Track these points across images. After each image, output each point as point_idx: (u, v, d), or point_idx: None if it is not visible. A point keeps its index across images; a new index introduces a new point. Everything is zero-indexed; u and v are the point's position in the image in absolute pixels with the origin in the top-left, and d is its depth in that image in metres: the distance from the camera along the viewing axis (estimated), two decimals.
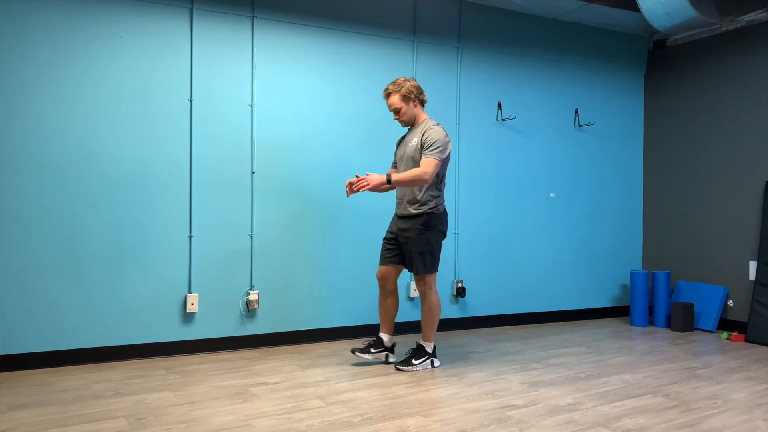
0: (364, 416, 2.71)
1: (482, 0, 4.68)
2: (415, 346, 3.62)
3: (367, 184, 3.31)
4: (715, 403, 2.97)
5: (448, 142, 3.41)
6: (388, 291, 3.61)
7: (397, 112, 3.49)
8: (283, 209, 4.09)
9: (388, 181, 3.33)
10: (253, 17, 3.98)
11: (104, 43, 3.59)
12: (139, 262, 3.68)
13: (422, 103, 3.52)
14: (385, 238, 3.63)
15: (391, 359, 3.62)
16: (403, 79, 3.47)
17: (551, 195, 5.11)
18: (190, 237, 3.81)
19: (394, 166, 3.70)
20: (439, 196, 3.49)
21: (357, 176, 3.34)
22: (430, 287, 3.49)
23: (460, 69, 4.71)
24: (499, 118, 4.87)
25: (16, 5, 3.38)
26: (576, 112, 5.22)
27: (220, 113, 3.90)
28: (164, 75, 3.74)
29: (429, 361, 3.54)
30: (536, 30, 5.00)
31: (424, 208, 3.42)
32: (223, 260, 3.91)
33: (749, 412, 2.84)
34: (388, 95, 3.47)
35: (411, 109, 3.48)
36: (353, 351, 3.54)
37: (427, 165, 3.32)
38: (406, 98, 3.44)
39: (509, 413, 2.78)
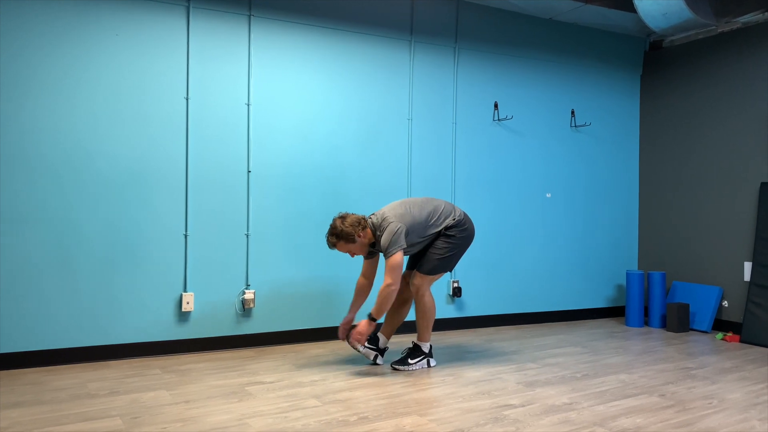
0: (360, 415, 2.70)
1: (479, 0, 4.68)
2: (411, 345, 3.61)
3: (361, 337, 3.37)
4: (711, 403, 2.97)
5: (397, 229, 3.31)
6: (402, 297, 3.62)
7: (350, 253, 3.44)
8: (280, 208, 4.08)
9: (373, 319, 3.33)
10: (250, 16, 3.97)
11: (100, 41, 3.58)
12: (135, 261, 3.67)
13: (364, 228, 3.39)
14: None
15: (378, 361, 3.61)
16: (338, 221, 3.36)
17: (547, 195, 5.11)
18: (185, 236, 3.80)
19: (369, 254, 3.60)
20: (446, 217, 3.47)
21: (343, 325, 3.48)
22: (425, 287, 3.49)
23: (456, 69, 4.71)
24: (496, 118, 4.87)
25: (10, 3, 3.37)
26: (572, 112, 5.23)
27: (217, 112, 3.89)
28: (160, 73, 3.73)
29: (425, 360, 3.54)
30: (533, 30, 5.01)
31: (441, 229, 3.46)
32: (218, 259, 3.90)
33: (744, 412, 2.85)
34: (333, 246, 3.39)
35: (361, 243, 3.39)
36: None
37: (387, 274, 3.30)
38: (350, 239, 3.36)
39: (505, 413, 2.78)
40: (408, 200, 3.52)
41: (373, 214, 3.50)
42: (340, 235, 3.35)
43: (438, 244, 3.47)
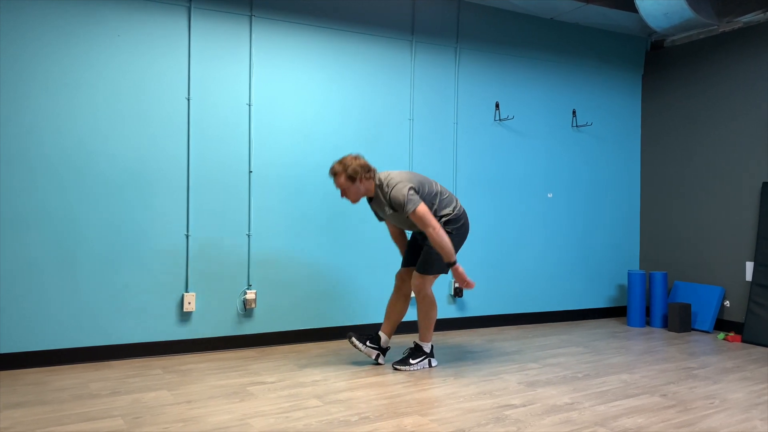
0: (362, 415, 2.70)
1: (480, 0, 4.68)
2: (412, 345, 3.61)
3: (465, 278, 3.34)
4: (713, 403, 2.97)
5: (407, 186, 3.29)
6: (402, 293, 3.62)
7: (343, 191, 3.38)
8: (281, 208, 4.09)
9: (453, 263, 3.31)
10: (251, 16, 3.98)
11: (102, 42, 3.58)
12: (136, 261, 3.67)
13: (369, 178, 3.36)
14: (408, 242, 3.68)
15: (380, 360, 3.62)
16: (351, 157, 3.32)
17: (549, 195, 5.11)
18: (187, 236, 3.81)
19: (379, 217, 3.64)
20: (446, 206, 3.45)
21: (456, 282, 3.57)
22: (426, 287, 3.48)
23: (458, 69, 4.71)
24: (497, 118, 4.87)
25: (12, 3, 3.37)
26: (574, 112, 5.22)
27: (218, 112, 3.89)
28: (162, 73, 3.74)
29: (426, 360, 3.54)
30: (534, 30, 5.01)
31: (441, 222, 3.44)
32: (220, 259, 3.90)
33: (746, 411, 2.85)
34: (334, 174, 3.33)
35: (357, 188, 3.34)
36: (349, 336, 3.50)
37: (422, 223, 3.26)
38: (352, 179, 3.31)
39: (507, 413, 2.78)
40: (415, 174, 3.45)
41: (378, 173, 3.45)
42: (346, 168, 3.30)
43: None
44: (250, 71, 3.98)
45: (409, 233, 3.81)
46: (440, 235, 3.24)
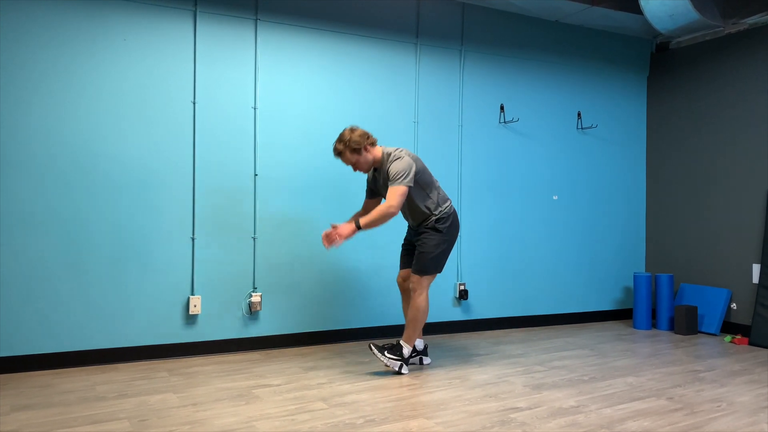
0: (367, 418, 2.70)
1: (485, 3, 4.69)
2: (394, 342, 3.55)
3: (339, 237, 3.27)
4: (719, 406, 2.96)
5: (411, 165, 3.32)
6: (409, 295, 3.62)
7: (353, 166, 3.42)
8: (286, 211, 4.09)
9: (358, 227, 3.29)
10: (256, 20, 3.99)
11: (108, 45, 3.60)
12: (142, 264, 3.68)
13: (373, 144, 3.40)
14: (402, 245, 3.70)
15: (425, 361, 3.65)
16: (347, 131, 3.35)
17: (554, 198, 5.10)
18: (192, 239, 3.82)
19: (371, 194, 3.64)
20: (440, 202, 3.48)
21: (333, 225, 3.33)
22: (422, 289, 3.46)
23: (462, 71, 4.71)
24: (502, 120, 4.87)
25: (20, 7, 3.40)
26: (579, 114, 5.22)
27: (223, 115, 3.91)
28: (167, 77, 3.75)
29: (399, 364, 3.45)
30: (539, 32, 5.00)
31: (433, 218, 3.46)
32: (225, 262, 3.91)
33: (753, 415, 2.83)
34: (339, 154, 3.37)
35: (365, 158, 3.38)
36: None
37: (390, 197, 3.28)
38: (356, 151, 3.34)
39: (512, 416, 2.77)
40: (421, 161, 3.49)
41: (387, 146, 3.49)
42: (347, 143, 3.32)
43: (427, 241, 3.43)
44: (256, 75, 4.00)
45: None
46: (388, 213, 3.25)
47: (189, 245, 3.81)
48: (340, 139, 3.36)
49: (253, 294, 3.98)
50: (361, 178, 4.30)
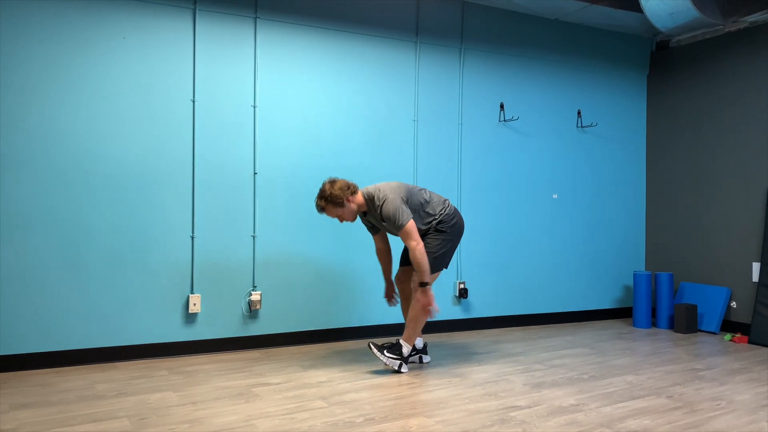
0: (367, 417, 2.70)
1: (485, 1, 4.68)
2: (394, 341, 3.55)
3: (433, 303, 3.36)
4: (719, 405, 2.96)
5: (399, 202, 3.32)
6: (407, 294, 3.63)
7: (339, 218, 3.43)
8: (285, 210, 4.09)
9: (425, 284, 3.33)
10: (255, 18, 3.98)
11: (107, 44, 3.60)
12: (142, 263, 3.68)
13: (354, 192, 3.38)
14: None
15: (425, 360, 3.66)
16: (327, 185, 3.34)
17: (554, 196, 5.10)
18: (192, 237, 3.82)
19: (373, 231, 3.65)
20: (435, 208, 3.48)
21: (391, 292, 3.69)
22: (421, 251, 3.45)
23: (462, 70, 4.71)
24: (502, 119, 4.86)
25: (19, 6, 3.39)
26: (579, 113, 5.21)
27: (223, 114, 3.90)
28: (167, 76, 3.75)
29: (399, 363, 3.45)
30: (539, 31, 5.00)
31: (435, 222, 3.47)
32: (225, 261, 3.91)
33: (753, 413, 2.83)
34: (322, 210, 3.38)
35: (349, 209, 3.38)
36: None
37: (407, 238, 3.30)
38: (339, 204, 3.34)
39: (512, 414, 2.77)
40: (402, 184, 3.48)
41: (366, 186, 3.49)
42: (329, 198, 3.33)
43: (430, 241, 3.45)
44: (255, 73, 3.99)
45: (396, 258, 3.87)
46: (422, 252, 3.30)
47: (188, 244, 3.81)
48: (321, 194, 3.36)
49: (252, 292, 3.98)
50: (364, 175, 4.30)
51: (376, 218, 3.44)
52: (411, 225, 3.31)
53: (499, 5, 4.76)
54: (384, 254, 3.72)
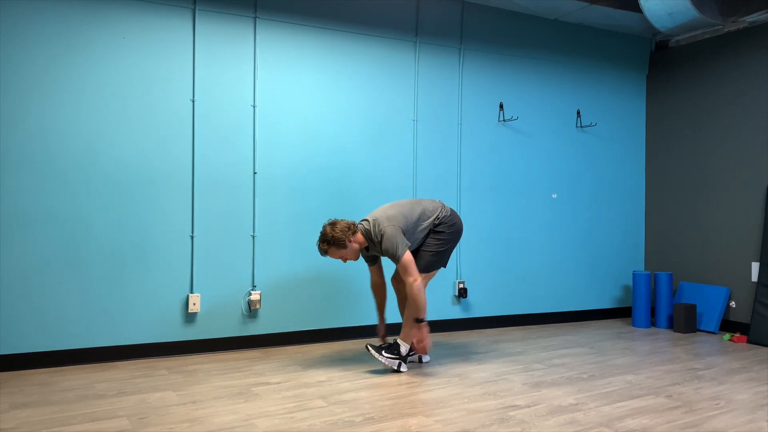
0: (366, 416, 2.71)
1: (484, 1, 4.68)
2: (392, 341, 3.56)
3: (426, 342, 3.40)
4: (718, 404, 2.96)
5: (396, 232, 3.33)
6: (403, 294, 3.64)
7: (343, 259, 3.45)
8: (285, 209, 4.09)
9: (420, 320, 3.36)
10: (255, 18, 3.99)
11: (106, 44, 3.60)
12: (142, 262, 3.68)
13: (354, 232, 3.41)
14: None
15: (424, 359, 3.67)
16: (328, 227, 3.37)
17: (553, 196, 5.10)
18: (192, 237, 3.82)
19: (371, 261, 3.68)
20: (430, 216, 3.50)
21: (383, 330, 3.75)
22: (421, 284, 3.46)
23: (462, 70, 4.71)
24: (501, 118, 4.87)
25: (19, 6, 3.39)
26: (578, 113, 5.22)
27: (223, 114, 3.91)
28: (167, 75, 3.75)
29: (398, 363, 3.46)
30: (538, 31, 5.00)
31: (432, 227, 3.52)
32: (225, 260, 3.91)
33: (752, 413, 2.84)
34: (325, 252, 3.41)
35: (352, 249, 3.41)
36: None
37: (404, 272, 3.33)
38: (341, 246, 3.37)
39: (511, 413, 2.77)
40: (396, 204, 3.52)
41: (363, 219, 3.51)
42: (331, 242, 3.36)
43: (429, 242, 3.51)
44: (255, 73, 3.99)
45: (391, 292, 4.03)
46: (419, 287, 3.32)
47: (188, 243, 3.81)
48: (323, 238, 3.37)
49: (252, 292, 3.98)
50: (363, 175, 4.30)
51: (378, 251, 3.48)
52: (409, 258, 3.33)
53: (499, 5, 4.77)
54: (379, 288, 3.74)
